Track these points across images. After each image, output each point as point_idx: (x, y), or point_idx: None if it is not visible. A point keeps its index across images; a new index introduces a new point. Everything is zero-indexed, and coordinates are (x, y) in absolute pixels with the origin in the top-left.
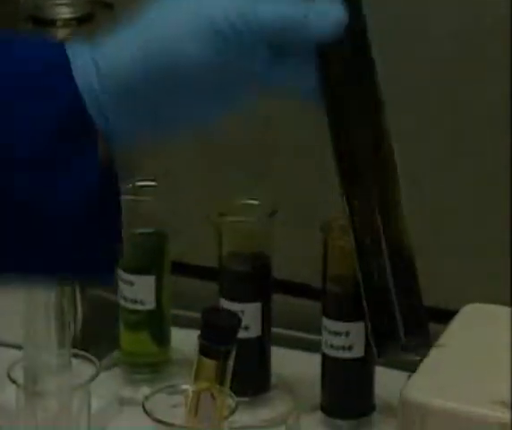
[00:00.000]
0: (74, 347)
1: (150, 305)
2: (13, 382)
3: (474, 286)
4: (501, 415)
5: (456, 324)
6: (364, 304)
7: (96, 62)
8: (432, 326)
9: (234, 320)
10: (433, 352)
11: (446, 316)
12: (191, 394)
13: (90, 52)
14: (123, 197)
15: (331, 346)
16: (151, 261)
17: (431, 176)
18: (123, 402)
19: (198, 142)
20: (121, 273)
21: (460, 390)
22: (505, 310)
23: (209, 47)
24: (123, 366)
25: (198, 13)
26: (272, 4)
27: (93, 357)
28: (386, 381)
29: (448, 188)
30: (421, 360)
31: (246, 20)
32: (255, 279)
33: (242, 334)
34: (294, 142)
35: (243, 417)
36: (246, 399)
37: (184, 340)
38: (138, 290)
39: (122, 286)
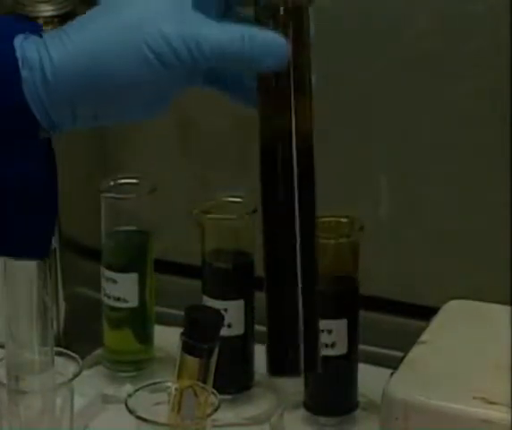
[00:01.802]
0: (57, 345)
1: (133, 302)
2: None
3: (457, 282)
4: (483, 411)
5: (438, 321)
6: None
7: (43, 68)
8: (415, 323)
9: (217, 317)
10: (416, 349)
11: (428, 313)
12: (173, 392)
13: (40, 56)
14: (106, 195)
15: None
16: (134, 259)
17: (415, 172)
18: (106, 400)
19: (180, 140)
20: (104, 271)
21: (443, 386)
22: (487, 306)
23: (149, 68)
24: (107, 364)
25: (139, 34)
26: (216, 32)
27: (76, 355)
28: (369, 378)
29: (432, 184)
30: (404, 357)
31: (188, 47)
32: (238, 276)
33: (225, 332)
34: None
35: (227, 414)
36: (229, 396)
37: (167, 338)
38: (121, 288)
39: (105, 284)
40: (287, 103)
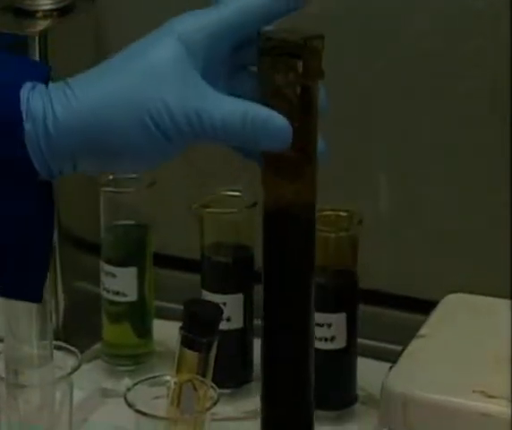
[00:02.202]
0: (56, 339)
1: (132, 296)
2: None
3: (456, 277)
4: (483, 405)
5: (437, 314)
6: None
7: (46, 121)
8: (414, 316)
9: (217, 311)
10: (415, 342)
11: (427, 307)
12: (173, 386)
13: (44, 109)
14: (105, 189)
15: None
16: (133, 253)
17: (415, 170)
18: (105, 394)
19: None
20: (103, 265)
21: (442, 380)
22: (486, 300)
23: (149, 135)
24: (106, 358)
25: (142, 100)
26: (218, 107)
27: (75, 349)
28: (368, 372)
29: (431, 183)
30: (403, 350)
31: (190, 121)
32: (237, 270)
33: (224, 326)
34: None
35: (226, 408)
36: (228, 390)
37: (167, 332)
38: (120, 282)
39: (104, 278)
40: (291, 175)
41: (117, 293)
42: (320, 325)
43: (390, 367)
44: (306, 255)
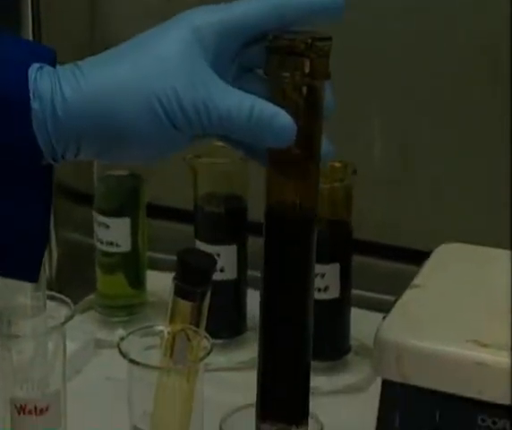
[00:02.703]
0: (50, 290)
1: (126, 247)
2: None
3: (450, 227)
4: (477, 354)
5: (431, 264)
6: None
7: (54, 102)
8: (408, 267)
9: (210, 261)
10: (409, 292)
11: (421, 257)
12: (166, 336)
13: (52, 89)
14: None
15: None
16: (126, 203)
17: (409, 117)
18: (98, 345)
19: None
20: (96, 216)
21: (436, 329)
22: (480, 249)
23: (156, 122)
24: (99, 309)
25: (152, 87)
26: (226, 100)
27: (68, 299)
28: (361, 322)
29: (424, 130)
30: (396, 300)
31: (198, 112)
32: (230, 220)
33: (217, 276)
34: None
35: (219, 359)
36: (222, 341)
37: (160, 283)
38: (113, 233)
39: (97, 228)
40: (294, 173)
41: (111, 243)
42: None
43: (384, 317)
44: (305, 255)
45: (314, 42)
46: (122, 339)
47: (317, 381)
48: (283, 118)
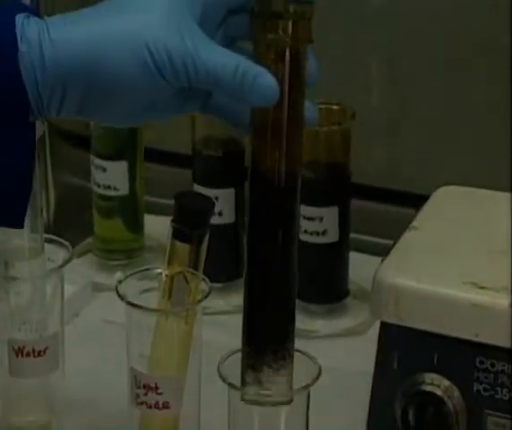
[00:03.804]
0: (47, 233)
1: (124, 191)
2: None
3: (449, 170)
4: (474, 295)
5: (429, 207)
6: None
7: (41, 46)
8: (406, 211)
9: (208, 203)
10: (407, 234)
11: (420, 201)
12: (164, 278)
13: (39, 34)
14: None
15: (305, 231)
16: (124, 146)
17: (408, 60)
18: (96, 288)
19: None
20: (93, 159)
21: (433, 271)
22: (479, 192)
23: (144, 72)
24: (97, 253)
25: (142, 36)
26: (213, 56)
27: (66, 242)
28: (360, 266)
29: (420, 72)
30: (394, 243)
31: (185, 65)
32: (228, 164)
33: (215, 220)
34: None
35: (217, 302)
36: (220, 284)
37: (158, 227)
38: (111, 176)
39: (94, 172)
40: (278, 138)
41: (108, 187)
42: (312, 219)
43: (382, 259)
44: (289, 220)
45: (297, 6)
46: (120, 281)
47: (315, 324)
48: (266, 78)
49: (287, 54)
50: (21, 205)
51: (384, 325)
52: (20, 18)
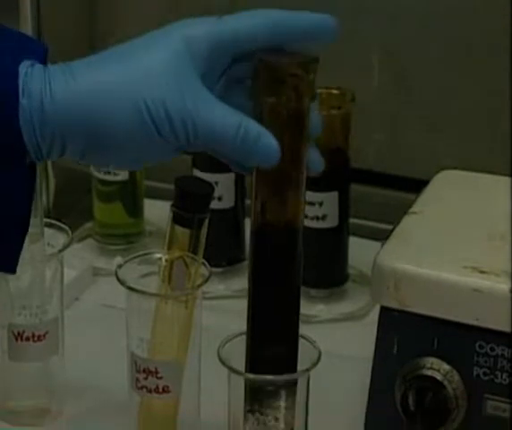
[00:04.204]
0: (47, 218)
1: (123, 175)
2: None
3: (449, 155)
4: (474, 280)
5: (429, 191)
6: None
7: (42, 100)
8: (406, 196)
9: (208, 188)
10: (407, 219)
11: (420, 185)
12: (164, 263)
13: (41, 88)
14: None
15: (305, 216)
16: None
17: (407, 45)
18: (96, 272)
19: (172, 1)
20: None
21: (434, 255)
22: (479, 177)
23: (143, 130)
24: (97, 237)
25: (141, 94)
26: (214, 116)
27: (66, 226)
28: (360, 251)
29: (423, 57)
30: (395, 227)
31: (185, 125)
32: None
33: (215, 205)
34: None
35: (217, 286)
36: (220, 269)
37: (158, 212)
38: None
39: None
40: (280, 193)
41: (108, 172)
42: (312, 204)
43: (382, 244)
44: (292, 268)
45: (301, 66)
46: (119, 266)
47: (315, 309)
48: (268, 140)
49: (290, 115)
50: (14, 249)
51: (384, 310)
52: (23, 68)
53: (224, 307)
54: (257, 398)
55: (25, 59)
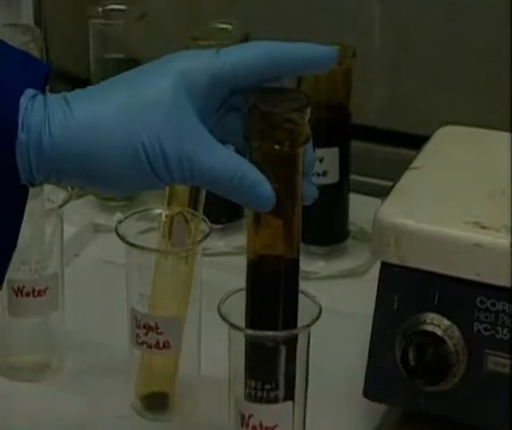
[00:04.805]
0: None
1: None
2: None
3: (449, 110)
4: (475, 235)
5: (430, 146)
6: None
7: (41, 139)
8: (407, 152)
9: None
10: (407, 174)
11: (421, 142)
12: (164, 219)
13: (40, 126)
14: (94, 21)
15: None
16: None
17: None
18: (96, 229)
19: None
20: None
21: (434, 211)
22: (481, 132)
23: (139, 169)
24: (97, 194)
25: (138, 134)
26: (211, 159)
27: None
28: (360, 207)
29: (424, 11)
30: (395, 183)
31: (181, 167)
32: None
33: None
34: None
35: (218, 243)
36: (221, 226)
37: None
38: None
39: None
40: (275, 226)
41: None
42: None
43: (382, 200)
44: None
45: (293, 114)
46: (119, 222)
47: (316, 266)
48: (263, 187)
49: (283, 160)
50: (2, 264)
51: (384, 265)
52: (24, 101)
53: (224, 264)
54: (257, 355)
55: (27, 87)
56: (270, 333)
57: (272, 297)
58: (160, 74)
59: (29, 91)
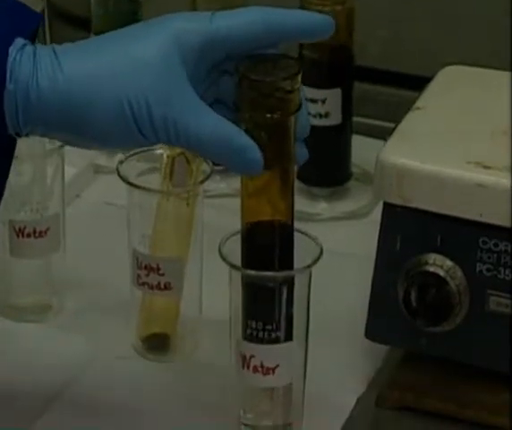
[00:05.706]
0: None
1: None
2: None
3: (455, 52)
4: (478, 175)
5: (433, 87)
6: None
7: (28, 90)
8: (411, 94)
9: None
10: (410, 115)
11: (424, 83)
12: (165, 159)
13: (28, 77)
14: None
15: (308, 113)
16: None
17: None
18: (97, 170)
19: None
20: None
21: (437, 151)
22: (482, 72)
23: (124, 125)
24: None
25: (125, 91)
26: (197, 123)
27: None
28: (363, 149)
29: None
30: (398, 124)
31: (167, 129)
32: None
33: None
34: None
35: (219, 185)
36: (222, 167)
37: None
38: None
39: None
40: (267, 193)
41: None
42: (315, 101)
43: (385, 140)
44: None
45: (284, 80)
46: (121, 162)
47: (318, 207)
48: (252, 153)
49: (274, 128)
50: None
51: (387, 206)
52: (13, 51)
53: (225, 205)
54: (257, 296)
55: (16, 37)
56: (270, 273)
57: (268, 246)
58: (154, 35)
59: (19, 41)
